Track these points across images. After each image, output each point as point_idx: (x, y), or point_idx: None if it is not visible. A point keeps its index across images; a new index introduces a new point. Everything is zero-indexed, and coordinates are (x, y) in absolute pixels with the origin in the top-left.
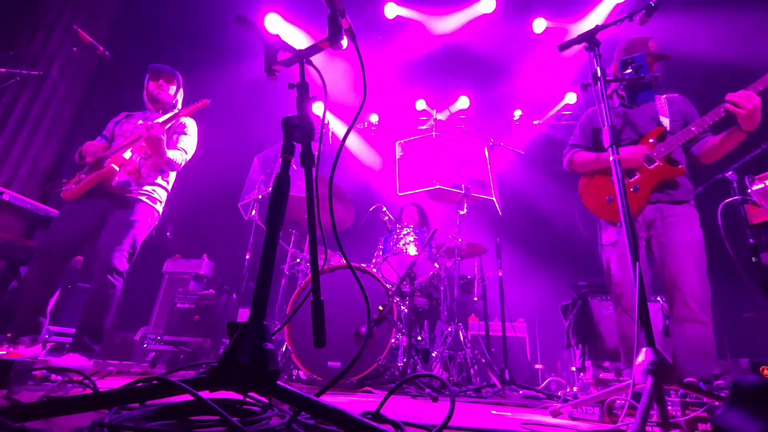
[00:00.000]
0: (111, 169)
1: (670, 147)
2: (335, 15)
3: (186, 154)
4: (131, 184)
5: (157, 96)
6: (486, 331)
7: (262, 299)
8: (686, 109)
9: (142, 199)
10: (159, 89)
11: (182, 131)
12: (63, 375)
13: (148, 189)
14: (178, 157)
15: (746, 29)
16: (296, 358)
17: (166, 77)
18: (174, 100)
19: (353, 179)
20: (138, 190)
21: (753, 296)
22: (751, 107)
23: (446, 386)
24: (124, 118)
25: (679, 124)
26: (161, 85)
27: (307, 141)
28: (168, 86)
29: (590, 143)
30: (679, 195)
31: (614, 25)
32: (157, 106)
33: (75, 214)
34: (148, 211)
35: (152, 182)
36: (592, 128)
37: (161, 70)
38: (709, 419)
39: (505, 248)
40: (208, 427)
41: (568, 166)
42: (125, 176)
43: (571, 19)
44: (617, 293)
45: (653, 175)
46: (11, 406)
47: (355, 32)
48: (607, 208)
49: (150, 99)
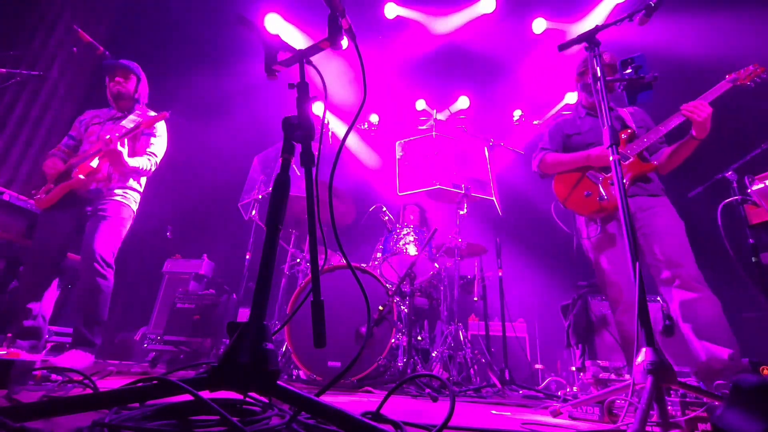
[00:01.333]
0: (78, 180)
1: (641, 145)
2: (335, 15)
3: (155, 157)
4: (102, 191)
5: (116, 93)
6: (486, 331)
7: (262, 299)
8: (647, 119)
9: (114, 198)
10: (117, 86)
11: (151, 132)
12: (63, 375)
13: (119, 191)
14: (144, 163)
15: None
16: (296, 358)
17: (121, 72)
18: (135, 93)
19: (353, 179)
20: (110, 194)
21: (753, 296)
22: (705, 116)
23: (446, 386)
24: (90, 118)
25: (643, 130)
26: (118, 81)
27: (307, 141)
28: (126, 82)
29: (559, 148)
30: (653, 189)
31: (614, 25)
32: (120, 103)
33: (51, 222)
34: (121, 207)
35: (123, 186)
36: (562, 134)
37: (114, 66)
38: (709, 419)
39: (505, 248)
40: (208, 427)
41: (539, 167)
42: (95, 184)
43: (570, 20)
44: (614, 293)
45: (629, 170)
46: (11, 406)
47: (355, 32)
48: (586, 203)
49: (113, 97)
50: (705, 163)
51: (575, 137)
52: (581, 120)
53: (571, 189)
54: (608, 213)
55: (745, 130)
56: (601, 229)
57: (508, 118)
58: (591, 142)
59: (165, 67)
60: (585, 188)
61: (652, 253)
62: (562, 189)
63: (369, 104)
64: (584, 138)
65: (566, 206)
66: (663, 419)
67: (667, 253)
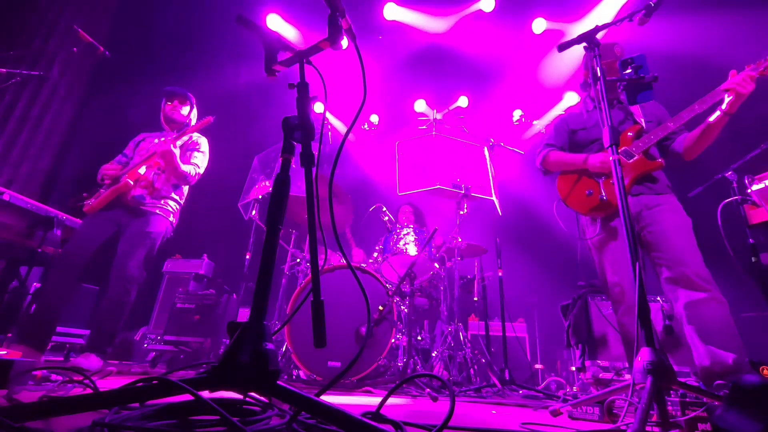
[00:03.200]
0: (126, 183)
1: (648, 142)
2: (335, 15)
3: (198, 169)
4: (146, 198)
5: (171, 116)
6: (486, 331)
7: (262, 299)
8: (658, 112)
9: (156, 211)
10: (173, 110)
11: (195, 148)
12: (63, 375)
13: (161, 202)
14: (191, 170)
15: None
16: (296, 358)
17: (180, 98)
18: (188, 119)
19: (353, 179)
20: (152, 203)
21: (753, 296)
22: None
23: (446, 386)
24: (142, 139)
25: (653, 125)
26: (175, 106)
27: (307, 141)
28: (181, 106)
29: (565, 144)
30: (659, 188)
31: (614, 25)
32: (172, 126)
33: (94, 226)
34: (161, 223)
35: (166, 195)
36: (568, 130)
37: (175, 93)
38: (709, 419)
39: (505, 248)
40: (208, 427)
41: (542, 164)
42: (140, 190)
43: (570, 20)
44: (616, 293)
45: (633, 169)
46: (11, 406)
47: (355, 33)
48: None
49: (166, 120)
50: (705, 163)
51: (581, 132)
52: (588, 114)
53: (573, 187)
54: (609, 212)
55: (745, 130)
56: (603, 228)
57: (508, 118)
58: (596, 138)
59: (165, 67)
60: (586, 187)
61: (658, 251)
62: (564, 187)
63: (369, 104)
64: (589, 134)
65: (567, 204)
66: (663, 419)
67: (674, 251)
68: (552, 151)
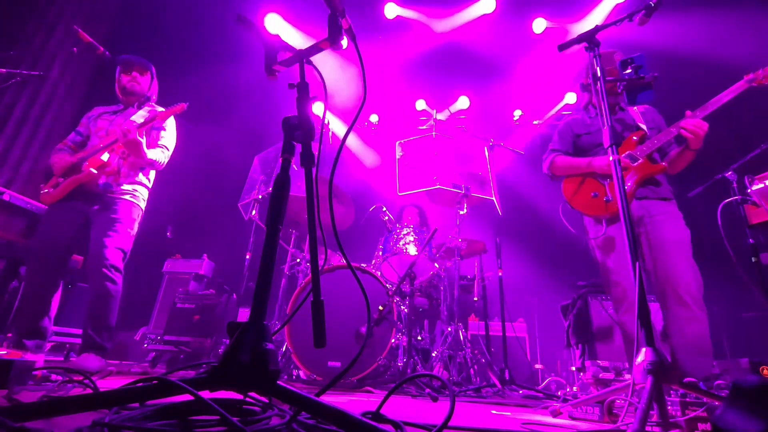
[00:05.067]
0: (90, 173)
1: (651, 147)
2: (335, 15)
3: (168, 151)
4: (112, 186)
5: (131, 89)
6: (486, 331)
7: (262, 299)
8: (658, 119)
9: (125, 197)
10: (133, 81)
11: (161, 126)
12: (63, 375)
13: (129, 188)
14: (160, 156)
15: (741, 27)
16: (296, 358)
17: (139, 68)
18: (149, 92)
19: (353, 179)
20: (119, 190)
21: (753, 296)
22: (702, 134)
23: (446, 386)
24: (97, 115)
25: (654, 131)
26: (134, 77)
27: (307, 141)
28: (142, 78)
29: (569, 148)
30: (663, 192)
31: (614, 25)
32: (130, 99)
33: (58, 217)
34: (130, 207)
35: (133, 181)
36: (572, 134)
37: (132, 62)
38: (709, 419)
39: (505, 248)
40: (208, 427)
41: (549, 169)
42: (105, 178)
43: (570, 20)
44: (618, 293)
45: (637, 172)
46: (11, 406)
47: (355, 32)
48: (592, 204)
49: (123, 92)
50: (705, 163)
51: (585, 137)
52: (591, 119)
53: (578, 189)
54: (614, 214)
55: (745, 130)
56: (606, 229)
57: (508, 118)
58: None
59: (165, 67)
60: (592, 189)
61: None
62: (569, 189)
63: (369, 104)
64: (593, 138)
65: (573, 206)
66: (663, 419)
67: (669, 268)
68: (558, 156)
